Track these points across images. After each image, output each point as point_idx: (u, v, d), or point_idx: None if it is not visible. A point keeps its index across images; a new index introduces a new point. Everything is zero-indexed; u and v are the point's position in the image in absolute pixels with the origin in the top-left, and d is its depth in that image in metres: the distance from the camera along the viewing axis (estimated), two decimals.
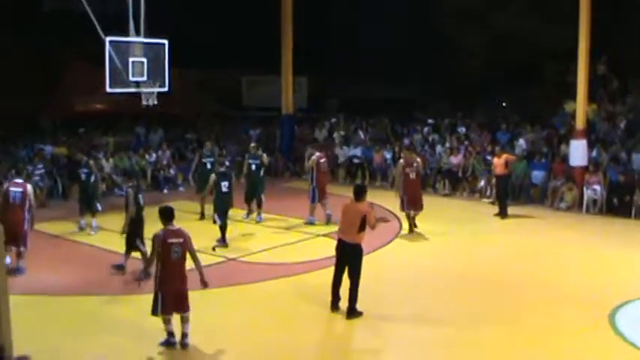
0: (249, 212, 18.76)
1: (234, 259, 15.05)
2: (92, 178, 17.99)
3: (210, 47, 30.50)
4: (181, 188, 23.90)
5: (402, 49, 29.62)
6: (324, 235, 17.09)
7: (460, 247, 16.36)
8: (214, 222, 16.20)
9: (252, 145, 20.17)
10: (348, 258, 11.44)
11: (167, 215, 10.23)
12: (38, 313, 11.47)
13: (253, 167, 19.01)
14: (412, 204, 17.47)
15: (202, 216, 18.87)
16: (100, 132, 26.83)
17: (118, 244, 14.62)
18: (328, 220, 18.03)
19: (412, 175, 17.48)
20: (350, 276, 11.40)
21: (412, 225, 17.56)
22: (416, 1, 28.57)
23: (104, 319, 11.43)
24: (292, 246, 16.41)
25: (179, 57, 19.35)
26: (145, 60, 17.65)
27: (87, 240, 16.79)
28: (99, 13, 17.19)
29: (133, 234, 13.77)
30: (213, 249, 15.56)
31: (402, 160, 18.19)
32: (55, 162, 22.97)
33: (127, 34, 17.50)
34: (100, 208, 17.96)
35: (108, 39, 16.98)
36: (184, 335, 10.16)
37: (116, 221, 18.29)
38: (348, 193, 20.86)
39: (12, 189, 14.11)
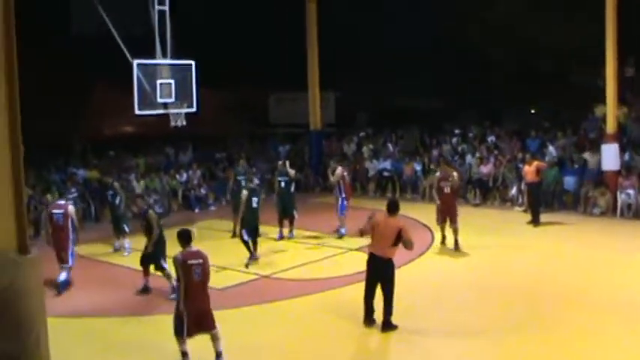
0: (282, 234, 18.67)
1: (267, 276, 15.05)
2: (117, 200, 18.00)
3: (236, 66, 30.67)
4: (212, 207, 23.99)
5: (428, 61, 29.56)
6: (356, 250, 17.05)
7: (493, 257, 16.18)
8: (242, 238, 16.21)
9: (280, 162, 20.17)
10: (380, 273, 11.37)
11: (185, 238, 10.46)
12: (72, 334, 11.52)
13: (283, 184, 18.95)
14: (445, 216, 17.21)
15: (235, 234, 18.95)
16: (130, 154, 27.02)
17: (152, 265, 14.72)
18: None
19: (447, 189, 17.15)
20: (383, 290, 11.33)
21: (444, 236, 17.40)
22: (441, 12, 28.54)
23: (140, 340, 11.44)
24: (325, 261, 16.37)
25: (206, 77, 19.52)
26: (172, 81, 17.86)
27: (121, 261, 16.87)
28: (126, 36, 17.39)
29: (155, 255, 13.83)
30: (246, 266, 15.58)
31: (438, 173, 18.01)
32: (87, 185, 23.16)
33: (154, 57, 17.68)
34: (127, 229, 17.90)
35: (135, 62, 17.19)
36: (218, 354, 10.13)
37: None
38: (378, 206, 20.99)
39: (54, 211, 14.75)
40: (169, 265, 12.54)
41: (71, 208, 15.01)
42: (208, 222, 20.87)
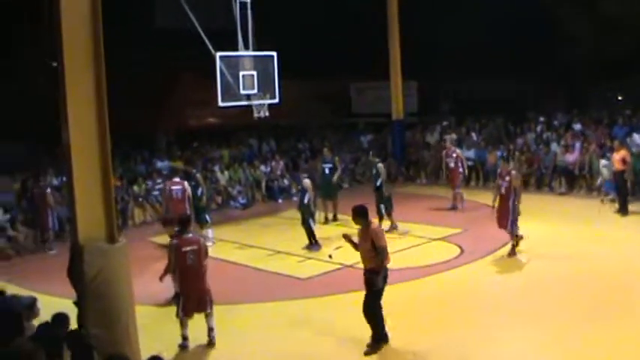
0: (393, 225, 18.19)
1: (350, 266, 15.03)
2: (199, 191, 18.16)
3: (317, 56, 30.70)
4: (295, 198, 24.08)
5: (510, 46, 29.01)
6: (440, 239, 16.93)
7: (580, 247, 15.72)
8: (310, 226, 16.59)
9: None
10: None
11: (184, 224, 11.14)
12: (155, 322, 11.72)
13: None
14: (498, 220, 15.43)
15: (327, 220, 19.11)
16: (214, 145, 27.36)
17: (236, 254, 14.93)
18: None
19: (502, 190, 15.25)
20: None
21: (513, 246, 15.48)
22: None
23: (224, 325, 11.57)
24: (408, 251, 16.26)
25: (287, 68, 19.59)
26: (254, 73, 17.99)
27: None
28: (209, 28, 17.58)
29: None
30: (330, 256, 15.58)
31: (499, 170, 16.16)
32: (172, 176, 23.50)
33: (236, 49, 17.83)
34: (208, 219, 18.07)
35: (218, 54, 17.38)
36: (210, 329, 10.81)
37: (232, 232, 18.76)
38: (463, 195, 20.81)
39: (174, 187, 16.88)
40: None
41: (186, 184, 16.99)
42: (291, 212, 21.00)
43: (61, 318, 7.75)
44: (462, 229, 17.62)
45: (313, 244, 16.60)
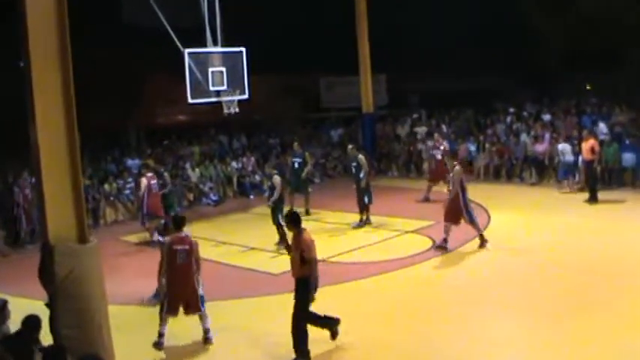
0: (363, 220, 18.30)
1: (323, 260, 15.02)
2: (167, 189, 18.54)
3: (286, 51, 30.65)
4: (267, 193, 24.05)
5: (478, 38, 29.19)
6: (412, 232, 17.00)
7: (550, 236, 15.89)
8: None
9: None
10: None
11: (178, 224, 10.95)
12: (132, 321, 11.67)
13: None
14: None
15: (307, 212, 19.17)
16: (184, 142, 27.26)
17: (209, 251, 14.90)
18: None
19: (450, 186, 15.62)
20: None
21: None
22: None
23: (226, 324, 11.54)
24: (382, 244, 16.30)
25: (256, 64, 19.52)
26: (224, 69, 17.90)
27: None
28: (176, 25, 17.46)
29: None
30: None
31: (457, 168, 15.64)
32: (146, 172, 23.36)
33: (204, 45, 17.74)
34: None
35: (187, 51, 17.25)
36: (206, 331, 10.73)
37: (204, 229, 18.70)
38: (434, 187, 20.88)
39: (152, 182, 17.61)
40: None
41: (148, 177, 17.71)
42: (263, 208, 20.96)
43: (32, 320, 7.68)
44: (434, 221, 17.69)
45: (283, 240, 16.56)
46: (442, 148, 21.24)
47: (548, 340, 10.03)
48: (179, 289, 10.59)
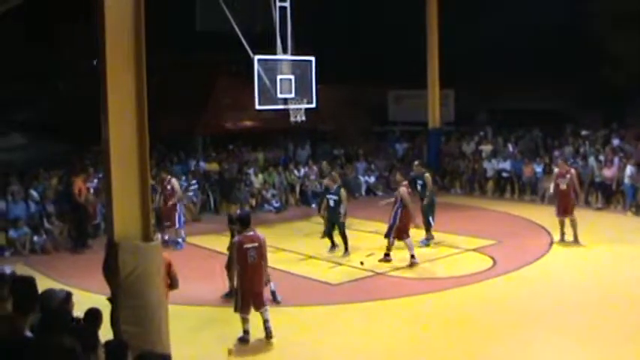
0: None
1: (382, 274, 15.02)
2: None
3: (355, 63, 30.73)
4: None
5: (551, 60, 28.81)
6: (473, 250, 16.85)
7: (614, 264, 15.53)
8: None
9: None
10: None
11: (244, 222, 11.27)
12: (186, 322, 11.80)
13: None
14: (561, 211, 17.59)
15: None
16: (249, 148, 27.49)
17: (268, 257, 14.99)
18: None
19: (562, 186, 17.54)
20: None
21: (563, 233, 17.46)
22: (568, 8, 27.74)
23: (255, 328, 11.64)
24: (440, 261, 16.20)
25: (325, 73, 19.62)
26: (292, 77, 18.02)
27: None
28: (247, 32, 17.68)
29: None
30: (361, 263, 15.61)
31: (556, 170, 18.44)
32: (207, 178, 23.69)
33: (274, 53, 17.92)
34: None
35: (256, 58, 17.44)
36: (266, 321, 11.05)
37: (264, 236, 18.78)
38: (497, 207, 20.66)
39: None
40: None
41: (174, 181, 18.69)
42: None
43: (93, 313, 7.83)
44: (496, 241, 17.52)
45: (346, 250, 16.61)
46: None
47: None
48: (251, 286, 10.93)
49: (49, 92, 27.33)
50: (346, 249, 16.74)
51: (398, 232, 15.70)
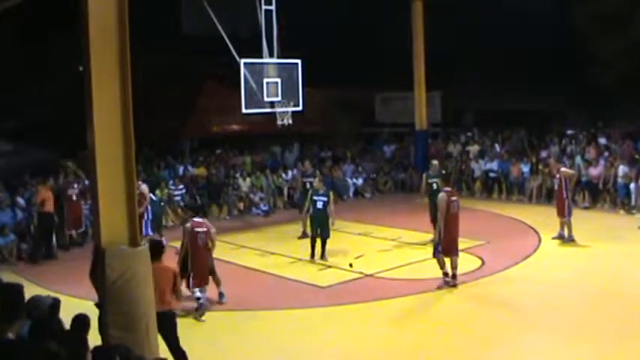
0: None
1: (371, 275, 15.02)
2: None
3: (342, 65, 30.72)
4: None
5: (535, 60, 28.93)
6: (461, 251, 16.84)
7: (602, 263, 15.58)
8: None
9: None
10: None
11: (196, 210, 14.46)
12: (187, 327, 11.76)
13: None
14: (557, 211, 17.80)
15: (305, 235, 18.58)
16: (236, 152, 27.44)
17: (257, 261, 15.02)
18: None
19: (556, 187, 18.05)
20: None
21: (560, 232, 17.70)
22: (554, 9, 27.87)
23: (245, 332, 11.63)
24: (428, 262, 16.19)
25: (312, 76, 19.61)
26: (279, 80, 18.04)
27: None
28: (234, 35, 17.66)
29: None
30: (350, 265, 15.60)
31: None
32: (194, 182, 23.62)
33: (260, 56, 17.91)
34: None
35: (243, 61, 17.44)
36: (221, 295, 13.05)
37: (253, 239, 18.80)
38: (485, 207, 20.70)
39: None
40: None
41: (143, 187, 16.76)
42: None
43: (81, 319, 7.79)
44: (485, 241, 17.54)
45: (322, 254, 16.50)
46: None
47: None
48: (200, 266, 12.64)
49: (35, 99, 27.15)
50: (322, 255, 16.38)
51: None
